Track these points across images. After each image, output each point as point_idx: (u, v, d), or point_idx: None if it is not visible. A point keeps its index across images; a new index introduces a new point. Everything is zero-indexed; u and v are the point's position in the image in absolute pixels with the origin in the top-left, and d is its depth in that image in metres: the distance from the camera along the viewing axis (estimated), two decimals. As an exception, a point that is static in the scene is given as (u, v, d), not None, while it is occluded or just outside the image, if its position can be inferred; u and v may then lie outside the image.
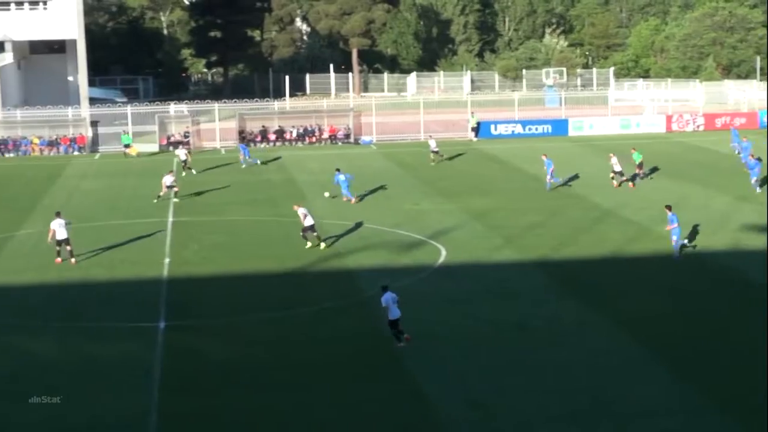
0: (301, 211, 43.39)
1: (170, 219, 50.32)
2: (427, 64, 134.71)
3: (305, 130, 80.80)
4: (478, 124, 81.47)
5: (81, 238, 46.17)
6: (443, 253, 41.81)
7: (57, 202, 55.95)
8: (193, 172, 63.27)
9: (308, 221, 42.82)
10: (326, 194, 53.94)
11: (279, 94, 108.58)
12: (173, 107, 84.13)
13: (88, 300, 36.36)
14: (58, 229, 41.37)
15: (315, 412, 25.55)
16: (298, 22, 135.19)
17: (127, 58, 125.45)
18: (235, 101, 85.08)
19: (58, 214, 42.42)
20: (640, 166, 57.44)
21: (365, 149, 76.51)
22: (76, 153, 77.50)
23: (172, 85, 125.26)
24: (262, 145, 79.39)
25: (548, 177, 55.53)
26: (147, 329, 32.64)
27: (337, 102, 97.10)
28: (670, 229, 40.03)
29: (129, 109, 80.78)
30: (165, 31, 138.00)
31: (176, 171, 58.97)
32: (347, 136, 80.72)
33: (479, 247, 42.94)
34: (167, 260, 41.71)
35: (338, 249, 42.98)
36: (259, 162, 67.54)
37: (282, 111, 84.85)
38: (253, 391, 27.06)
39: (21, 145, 77.65)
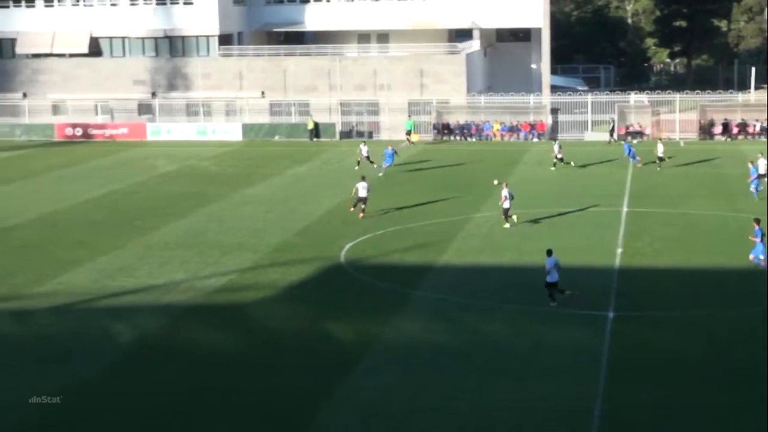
0: (504, 192, 45.78)
1: (624, 209, 50.09)
2: None
3: (771, 123, 77.56)
4: None
5: (536, 223, 47.05)
6: None
7: (513, 187, 57.34)
8: (375, 167, 62.52)
9: (506, 204, 45.42)
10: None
11: (743, 86, 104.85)
12: (633, 97, 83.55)
13: (541, 284, 36.92)
14: (361, 189, 48.98)
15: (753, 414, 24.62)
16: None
17: (589, 47, 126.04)
18: (697, 92, 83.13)
19: (363, 178, 50.10)
20: None
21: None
22: (534, 140, 78.96)
23: (634, 75, 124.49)
24: (723, 138, 77.13)
25: (753, 186, 52.18)
26: (596, 317, 32.76)
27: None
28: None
29: (589, 98, 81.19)
30: (629, 20, 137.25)
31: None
32: (816, 131, 76.69)
33: None
34: (619, 250, 41.59)
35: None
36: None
37: (746, 104, 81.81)
38: (693, 389, 26.47)
39: (483, 130, 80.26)
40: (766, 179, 52.85)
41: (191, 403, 26.38)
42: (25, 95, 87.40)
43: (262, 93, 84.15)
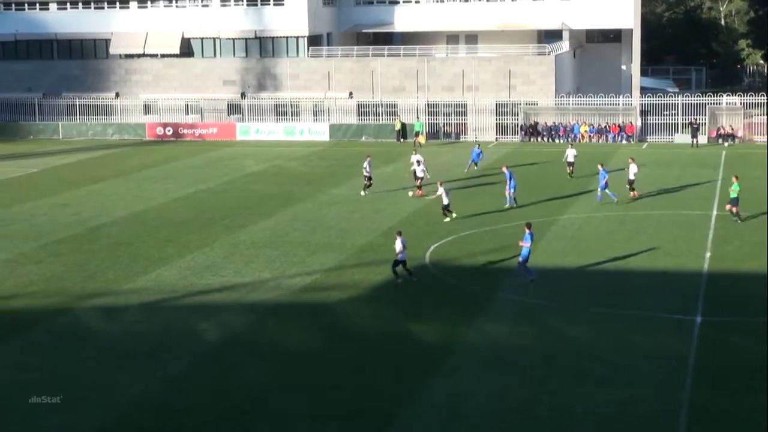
0: (440, 189, 48.50)
1: (714, 212, 49.45)
2: None
3: None
4: None
5: (623, 226, 46.66)
6: None
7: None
8: (362, 193, 57.14)
9: (445, 200, 48.25)
10: None
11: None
12: (725, 99, 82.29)
13: (627, 288, 36.68)
14: (418, 171, 55.50)
15: None
16: None
17: (681, 48, 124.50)
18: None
19: (415, 152, 58.21)
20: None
21: None
22: (623, 142, 78.20)
23: (726, 77, 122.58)
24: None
25: (599, 188, 52.22)
26: (683, 322, 32.40)
27: None
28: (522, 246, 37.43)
29: (680, 100, 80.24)
30: (722, 22, 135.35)
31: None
32: None
33: None
34: (708, 254, 41.06)
35: None
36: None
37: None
38: (789, 397, 26.07)
39: (571, 131, 79.65)
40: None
41: (277, 400, 26.64)
42: (117, 95, 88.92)
43: (350, 93, 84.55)
